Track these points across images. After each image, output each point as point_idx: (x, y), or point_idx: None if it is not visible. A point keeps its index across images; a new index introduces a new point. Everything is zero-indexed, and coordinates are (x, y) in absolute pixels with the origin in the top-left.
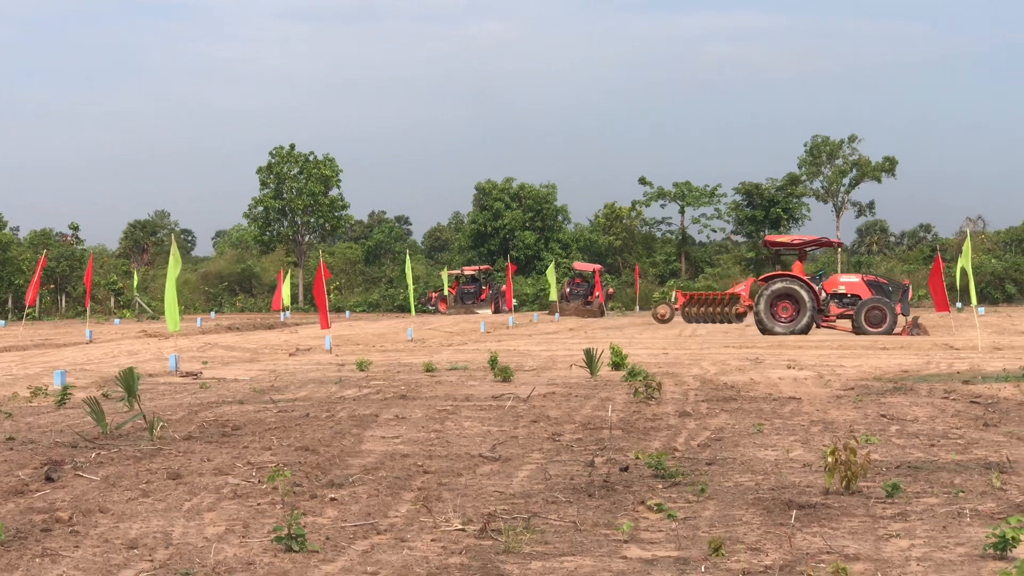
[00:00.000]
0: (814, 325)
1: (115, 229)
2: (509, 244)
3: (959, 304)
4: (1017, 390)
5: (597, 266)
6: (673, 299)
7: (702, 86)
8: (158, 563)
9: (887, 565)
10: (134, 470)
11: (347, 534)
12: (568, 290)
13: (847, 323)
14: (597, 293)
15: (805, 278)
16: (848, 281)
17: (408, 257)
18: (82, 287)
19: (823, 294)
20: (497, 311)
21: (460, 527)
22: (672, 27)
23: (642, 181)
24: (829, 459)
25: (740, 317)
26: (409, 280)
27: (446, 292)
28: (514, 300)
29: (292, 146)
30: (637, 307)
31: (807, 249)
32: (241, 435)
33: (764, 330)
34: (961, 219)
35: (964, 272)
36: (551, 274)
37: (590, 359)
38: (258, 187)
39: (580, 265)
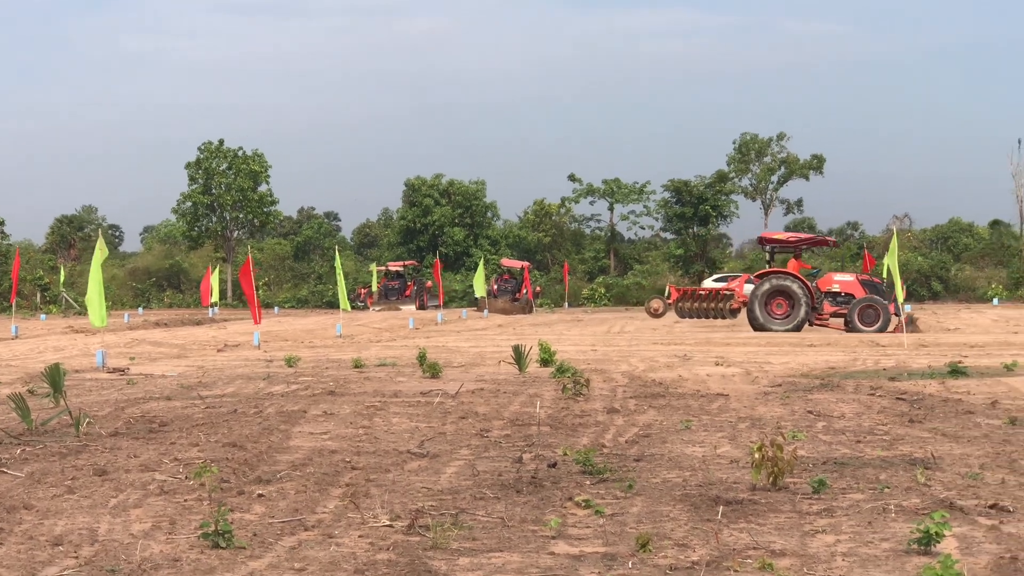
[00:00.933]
0: (807, 323)
1: (42, 224)
2: (438, 240)
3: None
4: (942, 387)
5: (525, 263)
6: (667, 294)
7: (631, 83)
8: (83, 560)
9: (813, 561)
10: (60, 466)
11: (274, 530)
12: (496, 287)
13: (840, 322)
14: (525, 289)
15: (800, 276)
16: (842, 280)
17: (338, 253)
18: (8, 282)
19: (817, 292)
20: (422, 307)
21: (388, 523)
22: (603, 24)
23: (571, 178)
24: (756, 455)
25: (734, 313)
26: (340, 276)
27: (375, 288)
28: (443, 296)
29: (221, 141)
30: (566, 304)
31: (802, 248)
32: (168, 431)
33: (757, 327)
34: (888, 217)
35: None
36: (480, 271)
37: (519, 355)
38: (187, 182)
39: (508, 262)
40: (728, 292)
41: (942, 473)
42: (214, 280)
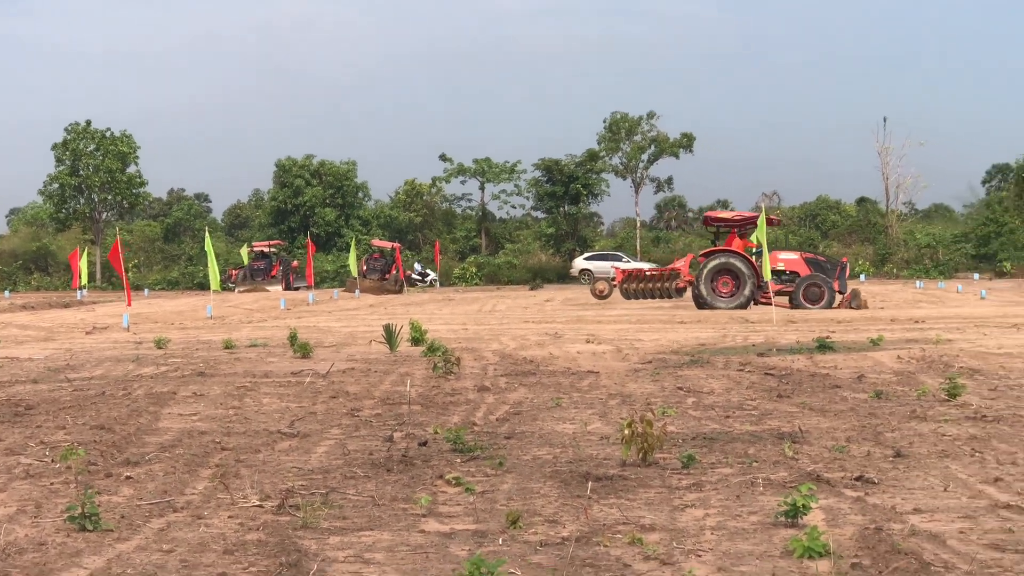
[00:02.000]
0: (753, 302)
1: None
2: (310, 221)
3: None
4: (810, 362)
5: (396, 244)
6: (611, 275)
7: (501, 62)
8: None
9: (682, 535)
10: None
11: (143, 512)
12: (365, 267)
13: (784, 299)
14: (396, 269)
15: (745, 254)
16: (787, 258)
17: (208, 234)
18: None
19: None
20: (288, 288)
21: (258, 503)
22: (472, 3)
23: (442, 158)
24: (626, 432)
25: (680, 292)
26: (211, 257)
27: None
28: (314, 277)
29: (88, 122)
30: (437, 283)
31: (746, 226)
32: (34, 414)
33: (702, 305)
34: (757, 195)
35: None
36: (353, 252)
37: (389, 335)
38: (53, 164)
39: (378, 242)
40: (674, 272)
41: (809, 447)
42: (82, 263)
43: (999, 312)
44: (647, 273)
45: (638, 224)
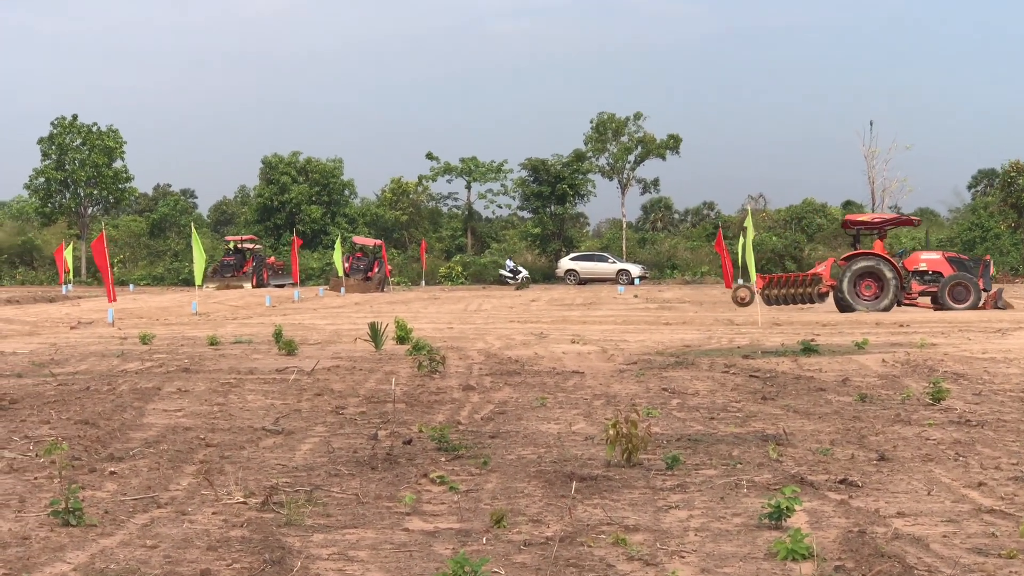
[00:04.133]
0: (896, 304)
1: None
2: (295, 218)
3: (740, 280)
4: (795, 364)
5: (379, 241)
6: (753, 282)
7: (489, 62)
8: None
9: (666, 536)
10: None
11: (126, 508)
12: (348, 265)
13: (928, 300)
14: (377, 268)
15: (889, 257)
16: (929, 258)
17: (195, 230)
18: None
19: (904, 272)
20: (260, 284)
21: (242, 500)
22: (459, 2)
23: (429, 156)
24: (611, 432)
25: (823, 297)
26: (199, 253)
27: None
28: (299, 274)
29: (75, 116)
30: (423, 282)
31: (886, 228)
32: (19, 409)
33: (844, 308)
34: (743, 197)
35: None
36: (338, 249)
37: (375, 333)
38: (39, 158)
39: (361, 240)
40: (816, 276)
41: (793, 449)
42: (68, 257)
43: (984, 317)
44: (788, 279)
45: (624, 225)
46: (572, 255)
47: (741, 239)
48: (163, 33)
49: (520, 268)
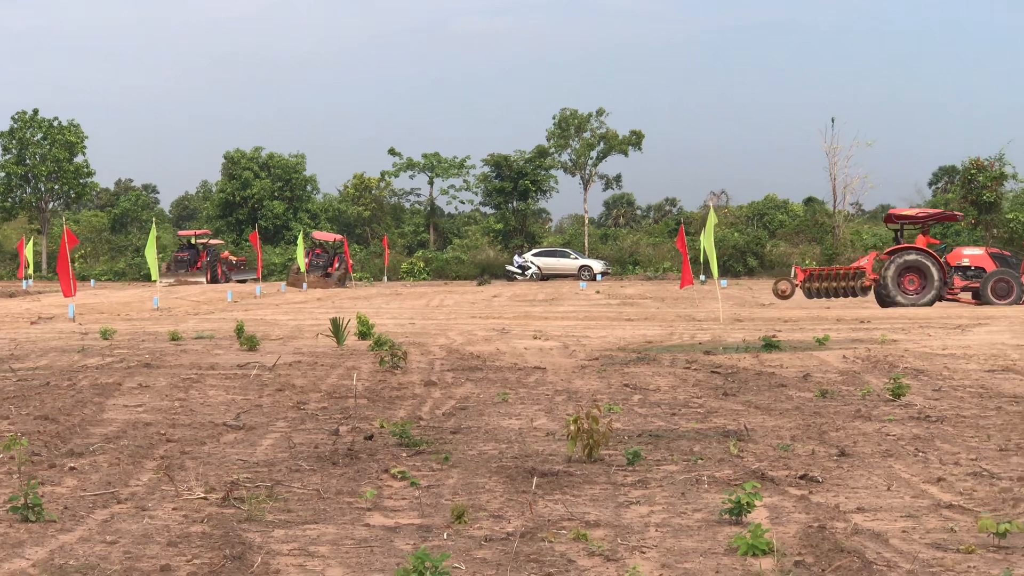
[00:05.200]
0: (940, 298)
1: None
2: (258, 214)
3: (703, 277)
4: (756, 360)
5: (340, 236)
6: (793, 275)
7: (451, 58)
8: None
9: (627, 531)
10: None
11: (86, 503)
12: (308, 260)
13: (970, 295)
14: (338, 263)
15: (932, 252)
16: (972, 254)
17: (155, 225)
18: None
19: (947, 267)
20: (214, 280)
21: (203, 496)
22: (424, 2)
23: (391, 152)
24: (572, 428)
25: (865, 291)
26: (152, 248)
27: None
28: (262, 270)
29: (36, 111)
30: (385, 278)
31: (929, 223)
32: None
33: (886, 303)
34: (705, 193)
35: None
36: (300, 245)
37: (336, 328)
38: (0, 152)
39: (321, 235)
40: (859, 270)
41: (754, 445)
42: (28, 252)
43: (943, 313)
44: (830, 272)
45: (586, 221)
46: (534, 251)
47: (702, 236)
48: (126, 29)
49: (530, 264)
